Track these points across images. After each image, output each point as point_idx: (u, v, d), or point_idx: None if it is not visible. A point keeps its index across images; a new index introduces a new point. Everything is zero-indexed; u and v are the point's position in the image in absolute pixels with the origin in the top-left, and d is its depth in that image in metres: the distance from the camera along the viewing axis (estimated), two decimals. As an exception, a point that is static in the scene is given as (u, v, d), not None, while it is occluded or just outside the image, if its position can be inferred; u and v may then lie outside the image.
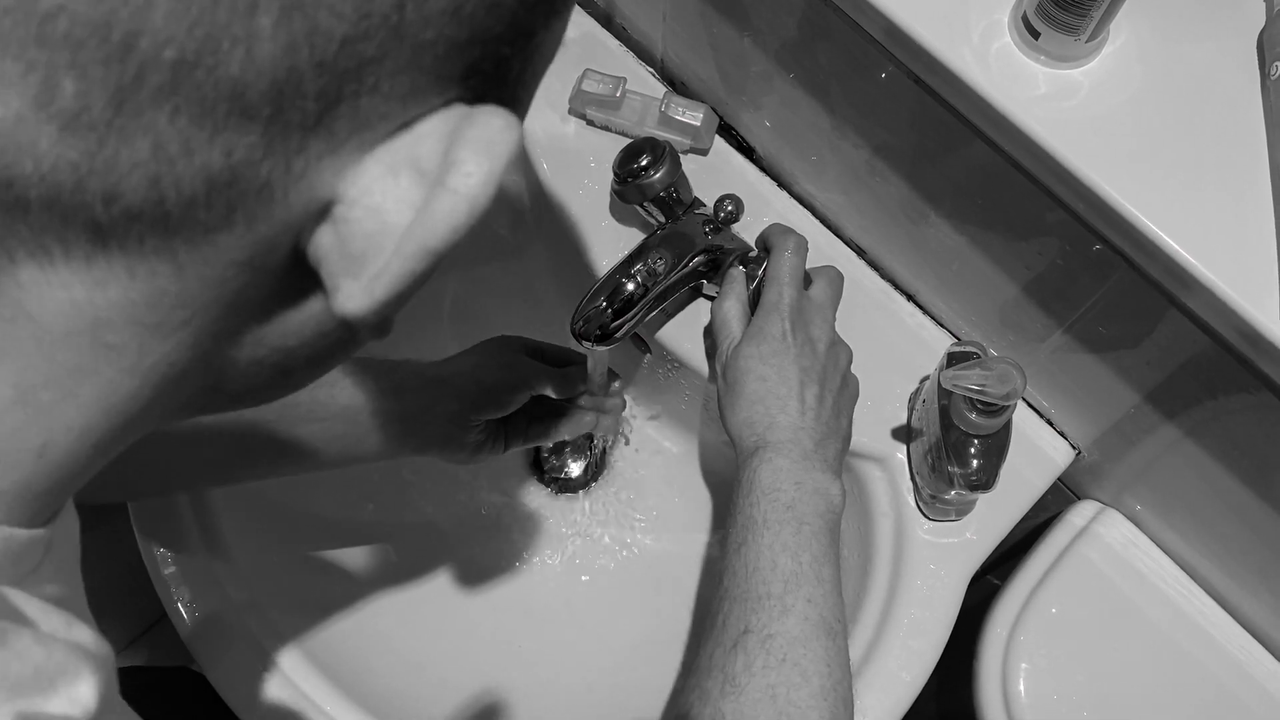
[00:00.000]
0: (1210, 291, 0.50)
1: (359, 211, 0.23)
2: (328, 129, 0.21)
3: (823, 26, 0.61)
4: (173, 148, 0.20)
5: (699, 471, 0.86)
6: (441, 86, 0.23)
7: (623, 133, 0.78)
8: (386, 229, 0.23)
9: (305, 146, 0.21)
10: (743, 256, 0.71)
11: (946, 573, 0.69)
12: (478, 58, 0.23)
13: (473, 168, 0.22)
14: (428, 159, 0.23)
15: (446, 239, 0.23)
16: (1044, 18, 0.52)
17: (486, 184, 0.22)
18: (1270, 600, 0.68)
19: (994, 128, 0.54)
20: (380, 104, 0.22)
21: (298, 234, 0.23)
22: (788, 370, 0.62)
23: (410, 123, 0.23)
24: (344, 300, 0.24)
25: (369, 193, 0.23)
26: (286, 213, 0.22)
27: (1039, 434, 0.73)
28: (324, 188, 0.22)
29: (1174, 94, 0.53)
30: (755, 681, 0.52)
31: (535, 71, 0.27)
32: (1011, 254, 0.64)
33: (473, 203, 0.22)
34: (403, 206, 0.23)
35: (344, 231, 0.23)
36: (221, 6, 0.19)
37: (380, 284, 0.23)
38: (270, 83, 0.20)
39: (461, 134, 0.23)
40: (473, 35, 0.22)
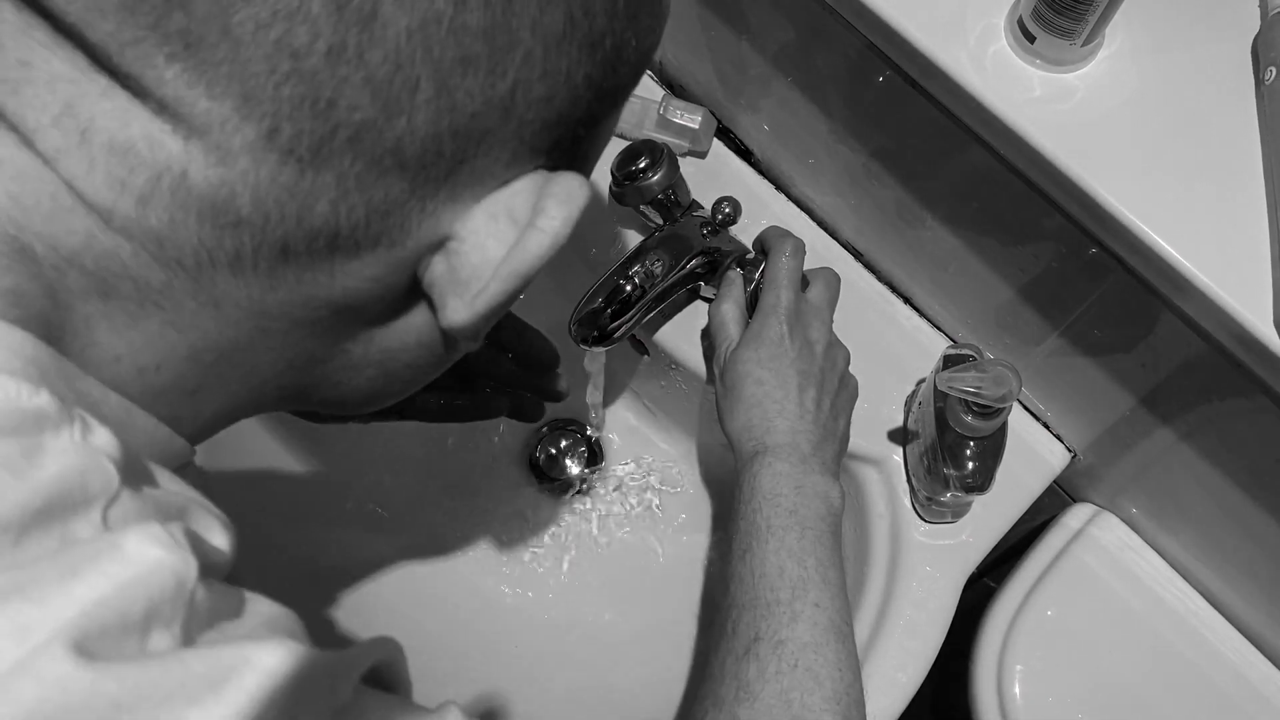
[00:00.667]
0: (1204, 295, 0.50)
1: (467, 246, 0.30)
2: (453, 181, 0.29)
3: (820, 30, 0.61)
4: (350, 184, 0.27)
5: (697, 472, 0.86)
6: (533, 155, 0.30)
7: (621, 135, 0.78)
8: (486, 260, 0.30)
9: (437, 194, 0.29)
10: (740, 259, 0.71)
11: (942, 574, 0.69)
12: (560, 135, 0.30)
13: (555, 213, 0.30)
14: (520, 210, 0.30)
15: (534, 266, 0.30)
16: (1040, 22, 0.52)
17: (565, 224, 0.30)
18: (1265, 603, 0.68)
19: (990, 131, 0.55)
20: (490, 165, 0.29)
21: (419, 259, 0.30)
22: (785, 373, 0.62)
23: (509, 181, 0.30)
24: (450, 314, 0.31)
25: (475, 232, 0.30)
26: (416, 242, 0.30)
27: (1035, 437, 0.73)
28: (444, 226, 0.30)
29: (1169, 98, 0.53)
30: (769, 688, 0.52)
31: (598, 147, 0.35)
32: (1007, 257, 0.64)
33: (555, 238, 0.30)
34: (500, 244, 0.30)
35: (454, 261, 0.30)
36: (395, 85, 0.26)
37: (481, 300, 0.31)
38: (421, 144, 0.27)
39: (547, 189, 0.30)
40: (558, 119, 0.30)
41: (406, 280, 0.31)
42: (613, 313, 0.67)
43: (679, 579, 0.82)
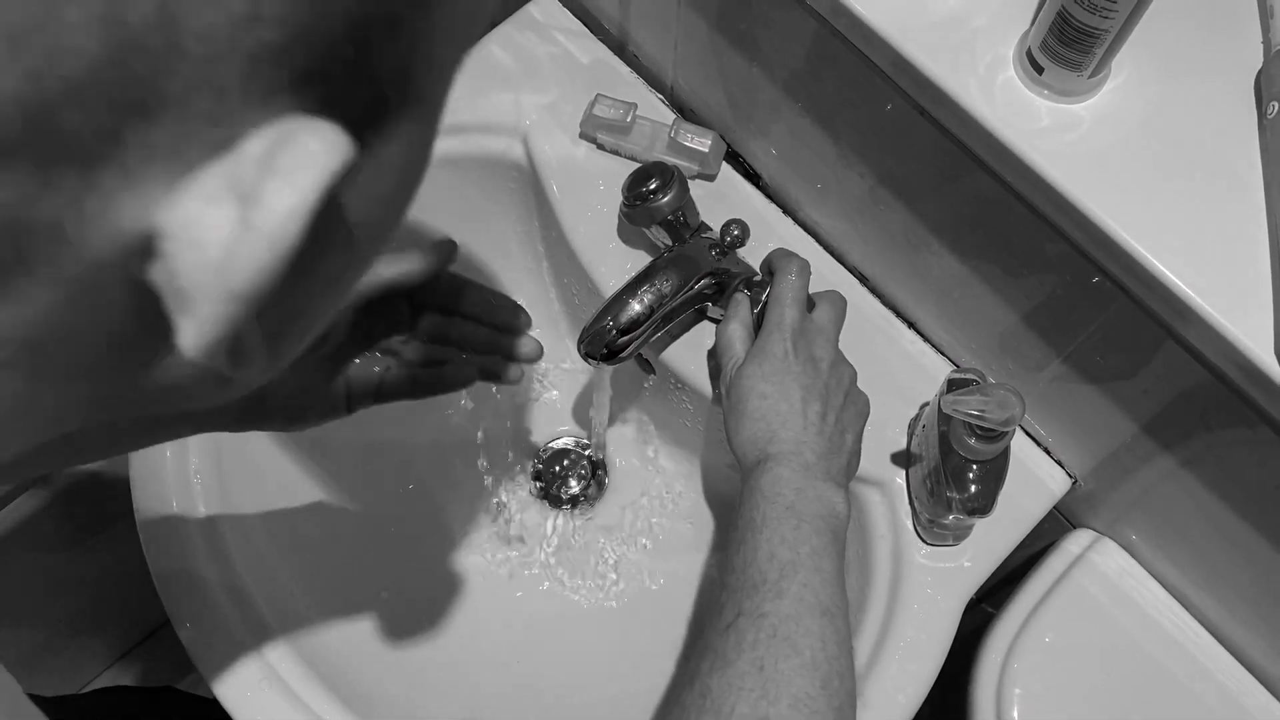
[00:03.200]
0: (1206, 323, 0.51)
1: (179, 245, 0.20)
2: (116, 160, 0.19)
3: (830, 57, 0.62)
4: None
5: (700, 491, 0.86)
6: (262, 100, 0.19)
7: (632, 157, 0.79)
8: (208, 264, 0.20)
9: (93, 182, 0.19)
10: (747, 280, 0.72)
11: (943, 597, 0.70)
12: (305, 62, 0.20)
13: (274, 201, 0.19)
14: (250, 184, 0.19)
15: (251, 282, 0.20)
16: (1048, 53, 0.53)
17: (289, 220, 0.19)
18: (1264, 631, 0.69)
19: (997, 159, 0.56)
20: (179, 127, 0.19)
21: (124, 269, 0.20)
22: (789, 388, 0.63)
23: (231, 141, 0.20)
24: (181, 339, 0.21)
25: (189, 225, 0.20)
26: (93, 254, 0.20)
27: (1036, 462, 0.74)
28: (133, 221, 0.20)
29: (1173, 130, 0.54)
30: (744, 656, 0.52)
31: (428, 61, 0.23)
32: (1011, 283, 0.65)
33: (273, 241, 0.19)
34: (222, 237, 0.20)
35: (170, 267, 0.20)
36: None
37: (204, 329, 0.21)
38: (21, 118, 0.17)
39: (271, 160, 0.19)
40: (287, 39, 0.19)
41: (125, 294, 0.21)
42: (620, 331, 0.68)
43: (680, 597, 0.82)
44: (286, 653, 0.68)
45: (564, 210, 0.79)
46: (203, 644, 0.67)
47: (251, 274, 0.20)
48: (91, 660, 1.30)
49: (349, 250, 0.25)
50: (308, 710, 0.66)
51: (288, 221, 0.19)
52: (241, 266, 0.19)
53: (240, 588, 0.70)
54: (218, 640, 0.67)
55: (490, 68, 0.82)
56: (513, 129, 0.80)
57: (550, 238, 0.83)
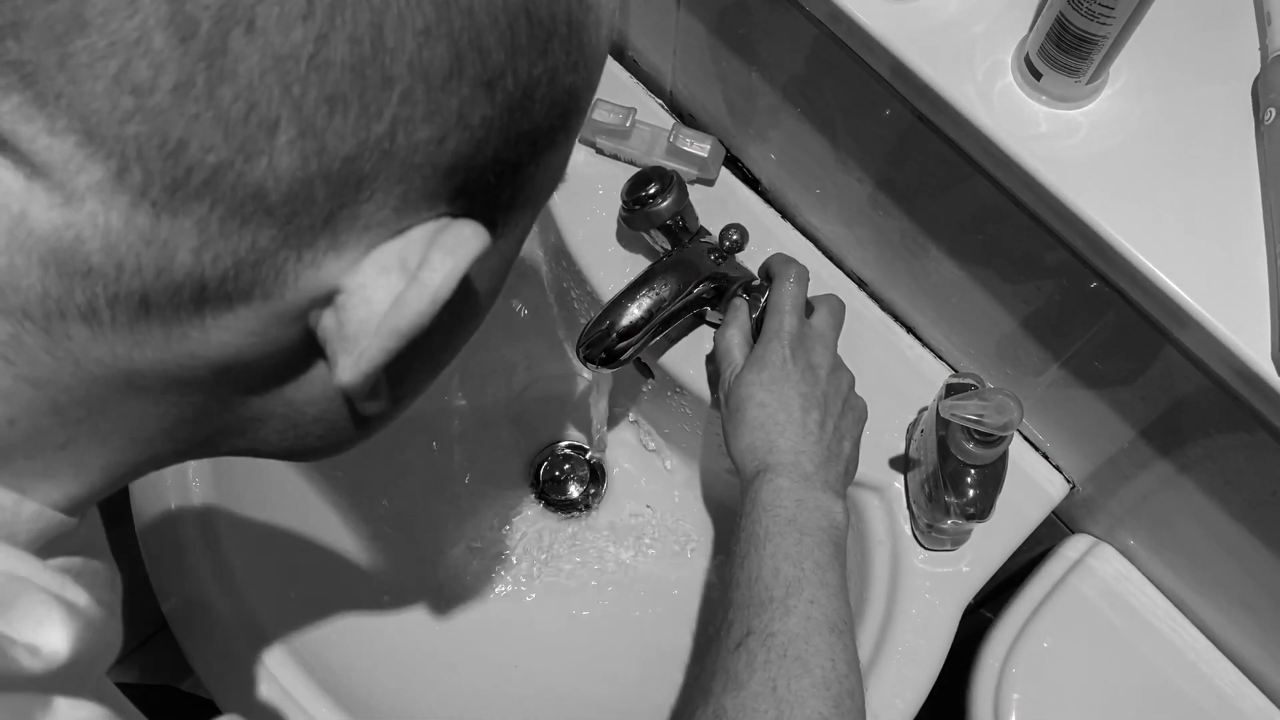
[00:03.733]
0: (1204, 329, 0.51)
1: (355, 300, 0.27)
2: (333, 229, 0.26)
3: (829, 63, 0.62)
4: (212, 231, 0.25)
5: (700, 496, 0.86)
6: (431, 203, 0.27)
7: (631, 161, 0.79)
8: (374, 315, 0.27)
9: (314, 243, 0.26)
10: (746, 285, 0.72)
11: (941, 602, 0.70)
12: (462, 182, 0.27)
13: (438, 264, 0.27)
14: (413, 260, 0.27)
15: (412, 321, 0.27)
16: (1046, 60, 0.53)
17: (448, 279, 0.27)
18: (1261, 637, 0.69)
19: (995, 165, 0.56)
20: (377, 213, 0.26)
21: (306, 314, 0.28)
22: (788, 396, 0.63)
23: (404, 230, 0.27)
24: (339, 373, 0.28)
25: (364, 285, 0.27)
26: (296, 294, 0.27)
27: (1035, 467, 0.74)
28: (329, 278, 0.27)
29: (1171, 136, 0.54)
30: (756, 676, 0.52)
31: (529, 198, 0.31)
32: (1010, 289, 0.65)
33: (435, 293, 0.27)
34: (389, 297, 0.27)
35: (342, 316, 0.27)
36: (251, 124, 0.23)
37: (364, 360, 0.28)
38: (287, 188, 0.25)
39: (437, 239, 0.27)
40: (455, 164, 0.27)
41: (298, 335, 0.28)
42: (619, 335, 0.68)
43: (680, 602, 0.82)
44: (284, 656, 0.68)
45: (563, 214, 0.79)
46: (200, 647, 0.67)
47: (415, 316, 0.27)
48: (89, 663, 1.29)
49: (467, 319, 0.34)
50: (305, 713, 0.66)
51: (448, 279, 0.27)
52: (409, 309, 0.27)
53: (238, 591, 0.69)
54: (215, 643, 0.67)
55: (490, 72, 0.82)
56: (512, 133, 0.80)
57: (549, 242, 0.83)
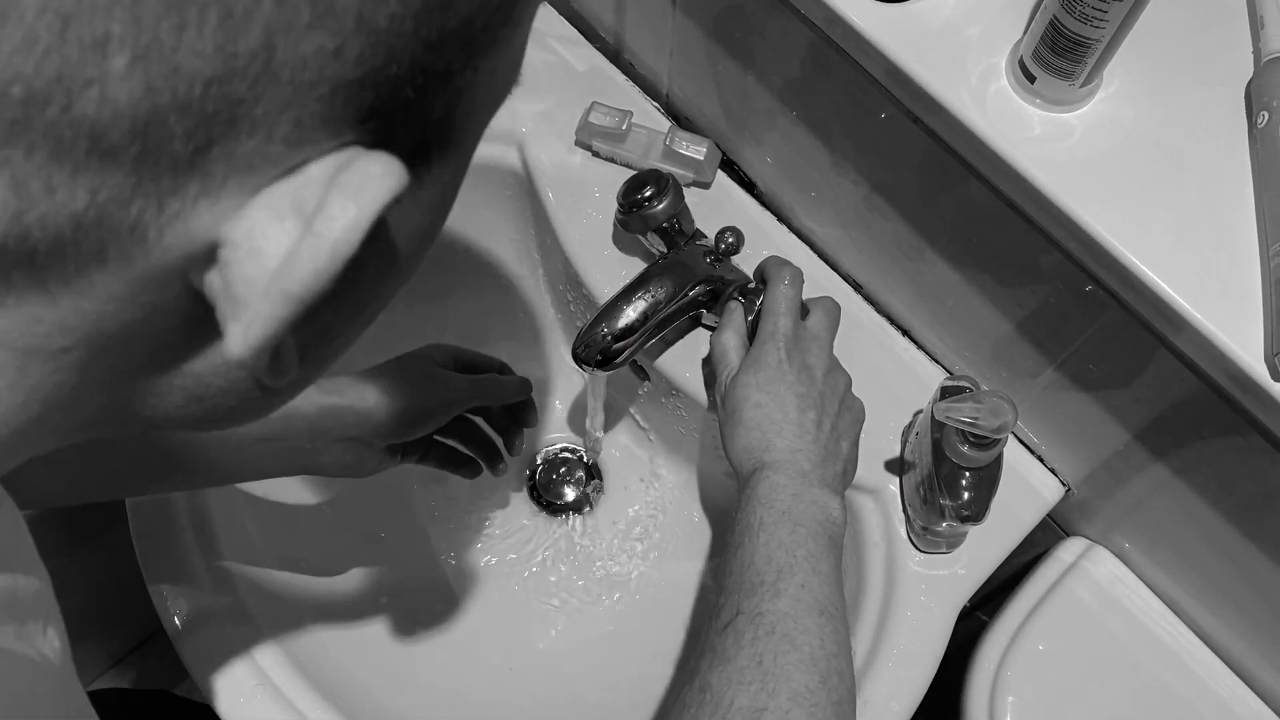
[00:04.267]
0: (1197, 331, 0.51)
1: (241, 254, 0.22)
2: (203, 171, 0.21)
3: (825, 66, 0.62)
4: (34, 185, 0.20)
5: (696, 499, 0.86)
6: (333, 129, 0.22)
7: (627, 164, 0.80)
8: (265, 271, 0.22)
9: (179, 188, 0.21)
10: (742, 288, 0.72)
11: (936, 604, 0.70)
12: (372, 101, 0.22)
13: (337, 212, 0.22)
14: (311, 202, 0.22)
15: (307, 284, 0.22)
16: (1040, 63, 0.53)
17: (350, 230, 0.22)
18: (1255, 640, 0.69)
19: (990, 167, 0.56)
20: (261, 146, 0.21)
21: (185, 273, 0.23)
22: (784, 397, 0.63)
23: (300, 165, 0.22)
24: (229, 342, 0.23)
25: (251, 236, 0.22)
26: (164, 253, 0.22)
27: (1029, 470, 0.74)
28: (204, 229, 0.22)
29: (1164, 139, 0.55)
30: (744, 652, 0.52)
31: (468, 113, 0.25)
32: (1005, 291, 0.65)
33: (334, 248, 0.22)
34: (283, 249, 0.22)
35: (228, 274, 0.22)
36: (69, 46, 0.19)
37: (254, 328, 0.23)
38: (131, 124, 0.20)
39: (336, 179, 0.22)
40: (360, 79, 0.21)
41: (183, 298, 0.24)
42: (615, 338, 0.68)
43: (677, 604, 0.82)
44: (281, 659, 0.68)
45: (559, 217, 0.79)
46: (197, 650, 0.67)
47: (309, 276, 0.22)
48: (87, 665, 1.29)
49: (381, 273, 0.27)
50: (302, 718, 0.66)
51: (349, 231, 0.22)
52: (302, 269, 0.22)
53: (235, 594, 0.69)
54: (212, 646, 0.67)
55: (486, 75, 0.82)
56: (508, 136, 0.81)
57: (545, 244, 0.83)
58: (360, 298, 0.28)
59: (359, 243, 0.22)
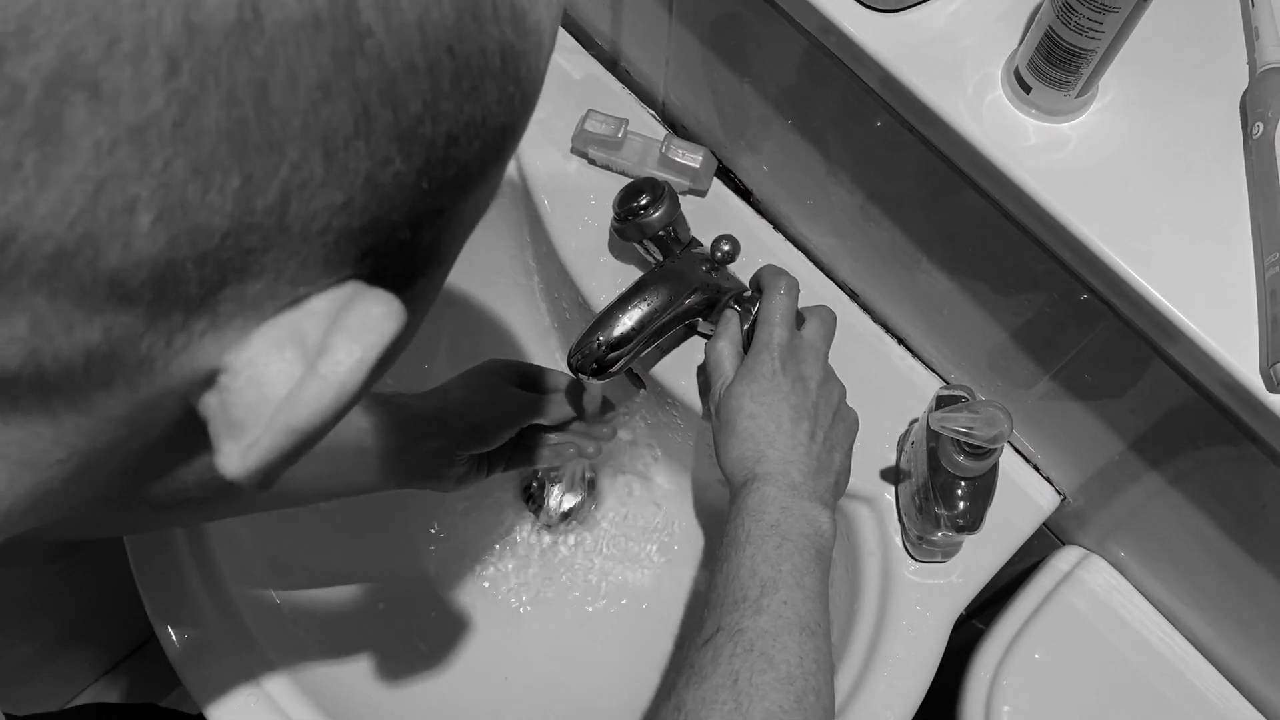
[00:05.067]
0: (1192, 342, 0.51)
1: (241, 381, 0.23)
2: (211, 310, 0.22)
3: (820, 75, 0.62)
4: (52, 326, 0.21)
5: (691, 506, 0.86)
6: (333, 269, 0.23)
7: (623, 172, 0.80)
8: (266, 400, 0.23)
9: (188, 325, 0.22)
10: (738, 296, 0.72)
11: (932, 613, 0.70)
12: (373, 242, 0.23)
13: (343, 355, 0.23)
14: (312, 336, 0.23)
15: (312, 422, 0.23)
16: (1035, 73, 0.53)
17: (355, 371, 0.23)
18: (1250, 649, 0.69)
19: (985, 177, 0.56)
20: (267, 286, 0.22)
21: (184, 397, 0.24)
22: (778, 407, 0.63)
23: (302, 300, 0.23)
24: (223, 461, 0.24)
25: (252, 364, 0.23)
26: (167, 380, 0.23)
27: (1025, 479, 0.74)
28: (207, 359, 0.23)
29: (1160, 150, 0.55)
30: (720, 670, 0.52)
31: (453, 236, 0.27)
32: (1000, 301, 0.65)
33: (340, 389, 0.23)
34: (283, 380, 0.23)
35: (226, 399, 0.23)
36: (101, 207, 0.19)
37: (253, 454, 0.24)
38: (150, 272, 0.21)
39: (340, 319, 0.23)
40: (366, 224, 0.23)
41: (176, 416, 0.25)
42: (610, 346, 0.68)
43: (671, 613, 0.82)
44: (274, 669, 0.67)
45: (555, 225, 0.79)
46: (190, 660, 0.67)
47: (314, 414, 0.23)
48: (79, 674, 1.29)
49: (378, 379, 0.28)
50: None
51: (354, 373, 0.23)
52: (307, 407, 0.23)
53: (229, 603, 0.69)
54: (205, 656, 0.67)
55: (482, 83, 0.82)
56: (504, 144, 0.81)
57: (541, 252, 0.83)
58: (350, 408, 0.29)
59: (364, 383, 0.23)
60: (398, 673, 0.78)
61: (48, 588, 1.11)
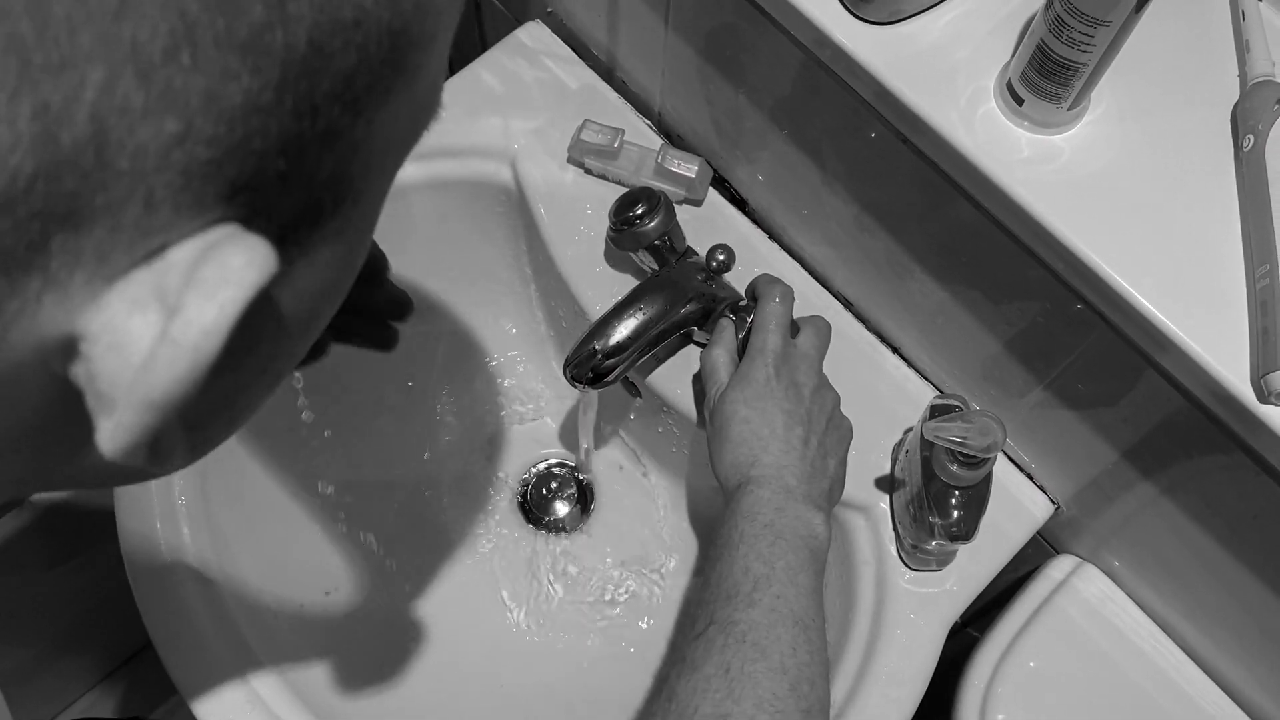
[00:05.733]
0: (1184, 353, 0.52)
1: (101, 348, 0.20)
2: (41, 268, 0.19)
3: (815, 86, 0.63)
4: None
5: (687, 514, 0.86)
6: (193, 210, 0.20)
7: (619, 182, 0.80)
8: (128, 368, 0.20)
9: (17, 287, 0.19)
10: (733, 305, 0.73)
11: (926, 622, 0.70)
12: (236, 176, 0.20)
13: (194, 315, 0.19)
14: (174, 291, 0.20)
15: (169, 391, 0.20)
16: (1028, 86, 0.54)
17: (209, 334, 0.19)
18: (1244, 658, 0.69)
19: (978, 188, 0.56)
20: (107, 235, 0.19)
21: (45, 368, 0.21)
22: (771, 413, 0.63)
23: (162, 250, 0.20)
24: (99, 439, 0.21)
25: (111, 329, 0.20)
26: (10, 353, 0.20)
27: (1019, 488, 0.74)
28: (54, 324, 0.20)
29: (1151, 162, 0.55)
30: (712, 660, 0.52)
31: (365, 163, 0.23)
32: (994, 310, 0.65)
33: (193, 355, 0.19)
34: (145, 344, 0.20)
35: (90, 369, 0.20)
36: None
37: (120, 431, 0.21)
38: None
39: (194, 272, 0.20)
40: (219, 156, 0.19)
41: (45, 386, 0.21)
42: (605, 355, 0.68)
43: (667, 620, 0.82)
44: (270, 677, 0.68)
45: (551, 234, 0.79)
46: (186, 668, 0.67)
47: (170, 384, 0.20)
48: (75, 682, 1.29)
49: (278, 341, 0.25)
50: (290, 734, 0.66)
51: (207, 336, 0.19)
52: (160, 377, 0.20)
53: (225, 612, 0.69)
54: (201, 665, 0.67)
55: (480, 92, 0.83)
56: (501, 153, 0.81)
57: (538, 261, 0.83)
58: (260, 363, 0.25)
59: (222, 345, 0.20)
60: (392, 680, 0.78)
61: (44, 594, 1.11)
